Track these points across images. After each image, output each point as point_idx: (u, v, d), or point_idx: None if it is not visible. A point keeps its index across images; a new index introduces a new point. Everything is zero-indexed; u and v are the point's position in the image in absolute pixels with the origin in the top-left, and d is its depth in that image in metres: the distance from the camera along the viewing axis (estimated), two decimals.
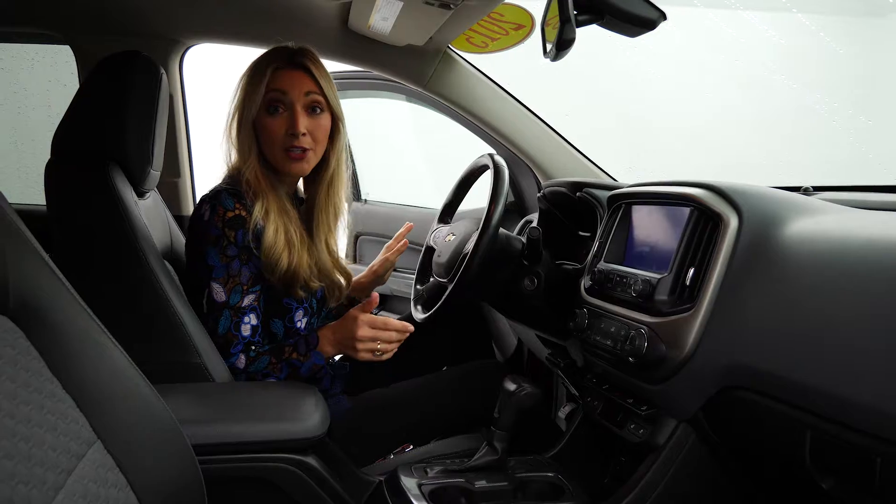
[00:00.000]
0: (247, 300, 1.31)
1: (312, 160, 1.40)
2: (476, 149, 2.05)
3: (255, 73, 1.36)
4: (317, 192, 1.48)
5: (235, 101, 1.39)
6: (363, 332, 1.31)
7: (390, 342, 1.34)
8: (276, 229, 1.33)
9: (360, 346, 1.32)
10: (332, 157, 1.45)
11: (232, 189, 1.33)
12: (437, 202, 2.83)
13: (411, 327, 1.35)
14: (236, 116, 1.38)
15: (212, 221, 1.29)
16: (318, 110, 1.39)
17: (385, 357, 1.35)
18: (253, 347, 1.34)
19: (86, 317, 0.74)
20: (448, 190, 1.64)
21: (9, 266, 0.65)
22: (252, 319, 1.32)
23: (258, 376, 1.31)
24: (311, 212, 1.49)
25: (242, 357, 1.31)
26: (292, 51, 1.39)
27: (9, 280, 0.65)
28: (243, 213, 1.30)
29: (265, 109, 1.35)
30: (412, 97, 2.36)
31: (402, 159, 3.77)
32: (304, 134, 1.36)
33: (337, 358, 1.55)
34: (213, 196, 1.32)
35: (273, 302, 1.38)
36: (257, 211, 1.32)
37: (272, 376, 1.32)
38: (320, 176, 1.46)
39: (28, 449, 0.59)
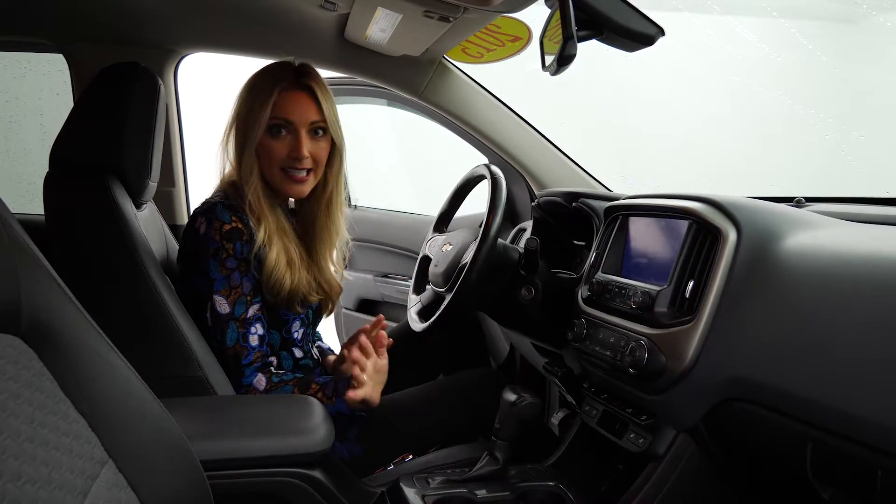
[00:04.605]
0: (251, 310, 1.32)
1: (311, 182, 1.41)
2: (458, 153, 2.07)
3: (260, 93, 1.35)
4: (316, 211, 1.48)
5: (236, 117, 1.38)
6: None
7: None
8: (278, 252, 1.34)
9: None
10: (331, 178, 1.46)
11: (227, 202, 1.33)
12: (420, 206, 2.84)
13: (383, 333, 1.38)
14: (236, 134, 1.38)
15: (209, 235, 1.29)
16: (320, 132, 1.40)
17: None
18: (272, 368, 1.34)
19: (95, 335, 0.74)
20: (433, 195, 1.65)
21: (21, 286, 0.65)
22: (258, 329, 1.33)
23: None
24: (309, 228, 1.49)
25: (262, 378, 1.31)
26: (297, 70, 1.38)
27: (21, 300, 0.65)
28: (240, 226, 1.31)
29: (268, 131, 1.35)
30: (393, 102, 2.37)
31: (386, 164, 3.78)
32: (306, 157, 1.36)
33: None
34: (209, 209, 1.32)
35: (271, 312, 1.39)
36: (261, 236, 1.32)
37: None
38: (318, 195, 1.47)
39: (48, 473, 0.59)
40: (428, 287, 1.56)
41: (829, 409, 0.79)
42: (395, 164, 3.84)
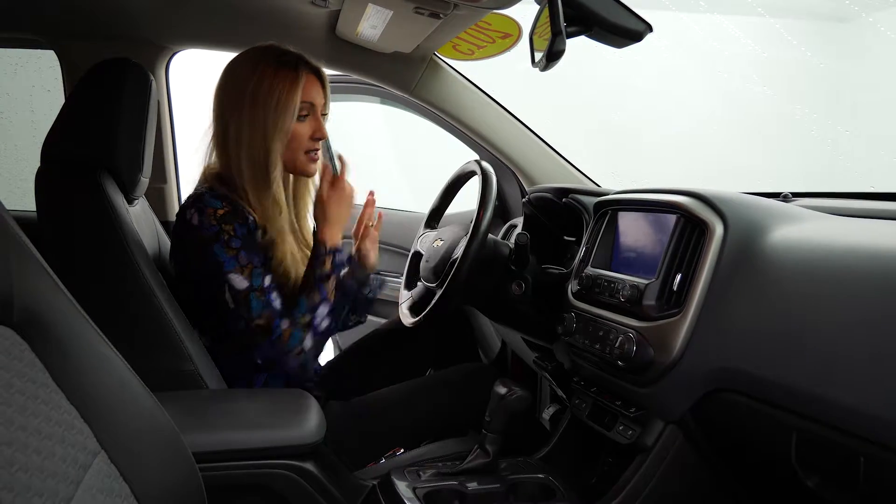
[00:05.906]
0: (267, 280, 1.34)
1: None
2: (452, 150, 2.08)
3: (284, 79, 1.35)
4: (300, 190, 1.54)
5: (249, 106, 1.35)
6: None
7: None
8: (286, 248, 1.38)
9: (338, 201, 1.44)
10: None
11: (213, 192, 1.33)
12: (413, 204, 2.84)
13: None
14: (251, 125, 1.35)
15: (205, 222, 1.29)
16: (324, 116, 1.45)
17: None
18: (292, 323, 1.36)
19: (87, 327, 0.75)
20: (427, 192, 1.66)
21: (14, 277, 0.65)
22: (277, 297, 1.35)
23: (320, 320, 1.37)
24: (296, 204, 1.54)
25: (307, 337, 1.34)
26: (303, 57, 1.42)
27: (14, 291, 0.65)
28: (232, 209, 1.32)
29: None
30: (387, 100, 2.38)
31: (380, 162, 3.79)
32: (327, 136, 1.44)
33: None
34: (197, 199, 1.32)
35: None
36: (278, 224, 1.37)
37: (321, 304, 1.37)
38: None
39: (40, 461, 0.60)
40: (419, 282, 1.57)
41: (814, 399, 0.80)
42: (389, 162, 3.84)
